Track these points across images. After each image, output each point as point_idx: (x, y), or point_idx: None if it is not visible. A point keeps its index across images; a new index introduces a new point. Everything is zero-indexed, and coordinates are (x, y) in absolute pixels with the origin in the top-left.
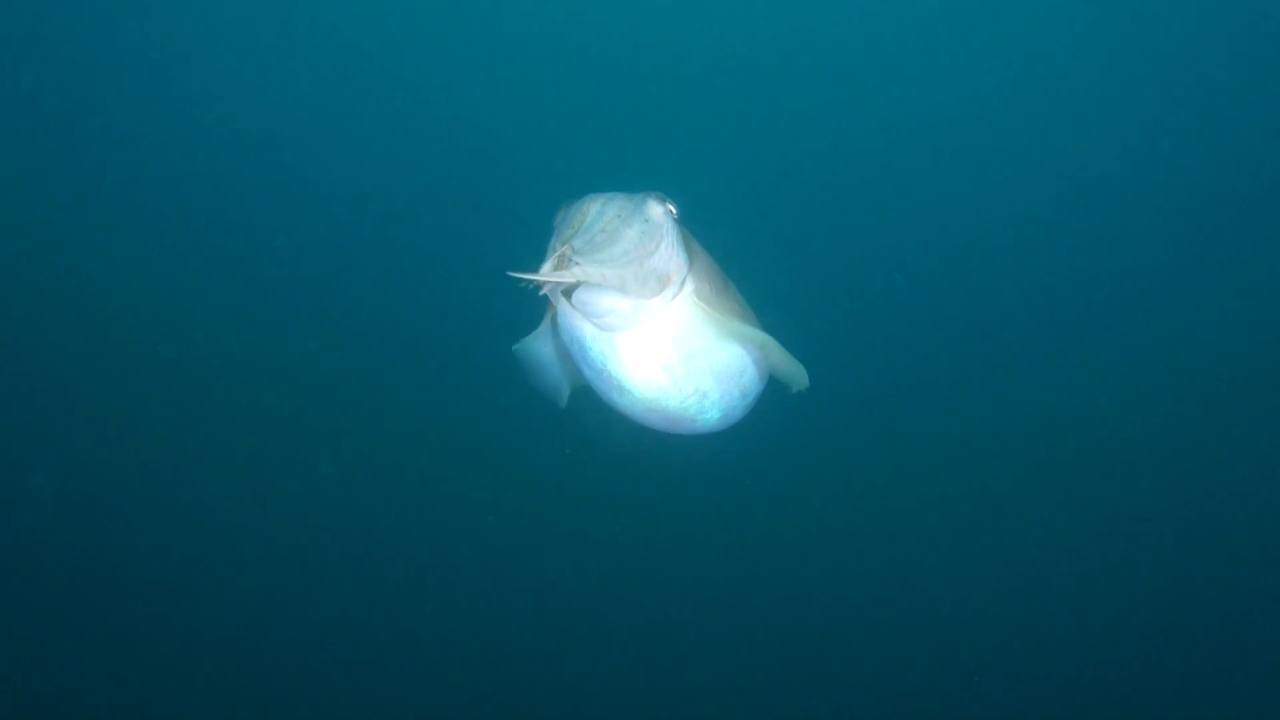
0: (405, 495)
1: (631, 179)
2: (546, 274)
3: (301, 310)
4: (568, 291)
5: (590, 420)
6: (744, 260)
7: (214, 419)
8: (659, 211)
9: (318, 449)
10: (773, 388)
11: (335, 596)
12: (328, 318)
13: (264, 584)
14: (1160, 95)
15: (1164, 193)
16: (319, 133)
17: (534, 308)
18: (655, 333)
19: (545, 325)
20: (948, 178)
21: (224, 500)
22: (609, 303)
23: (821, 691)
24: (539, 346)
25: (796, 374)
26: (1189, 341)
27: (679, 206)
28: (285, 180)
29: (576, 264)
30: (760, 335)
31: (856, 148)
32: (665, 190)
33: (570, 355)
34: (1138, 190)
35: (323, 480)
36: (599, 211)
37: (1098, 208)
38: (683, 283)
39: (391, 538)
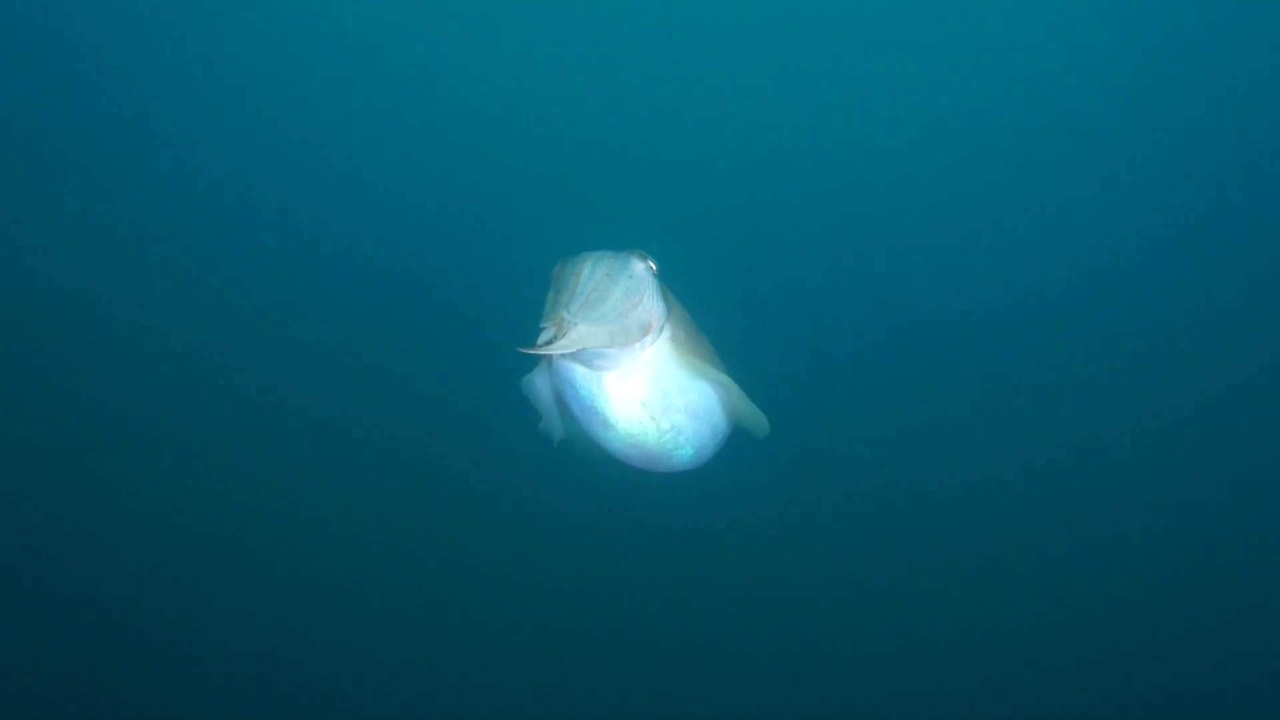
0: (386, 523)
1: (617, 237)
2: (553, 347)
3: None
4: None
5: (577, 459)
6: (712, 311)
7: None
8: (641, 267)
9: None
10: (739, 433)
11: (330, 623)
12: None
13: (261, 609)
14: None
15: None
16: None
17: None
18: (636, 373)
19: (543, 364)
20: (914, 227)
21: (219, 524)
22: (598, 350)
23: None
24: (539, 382)
25: (757, 419)
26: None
27: (658, 263)
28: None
29: (575, 324)
30: (725, 379)
31: (822, 200)
32: (645, 248)
33: (561, 394)
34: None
35: (316, 504)
36: (590, 271)
37: (1074, 258)
38: (661, 329)
39: (372, 564)
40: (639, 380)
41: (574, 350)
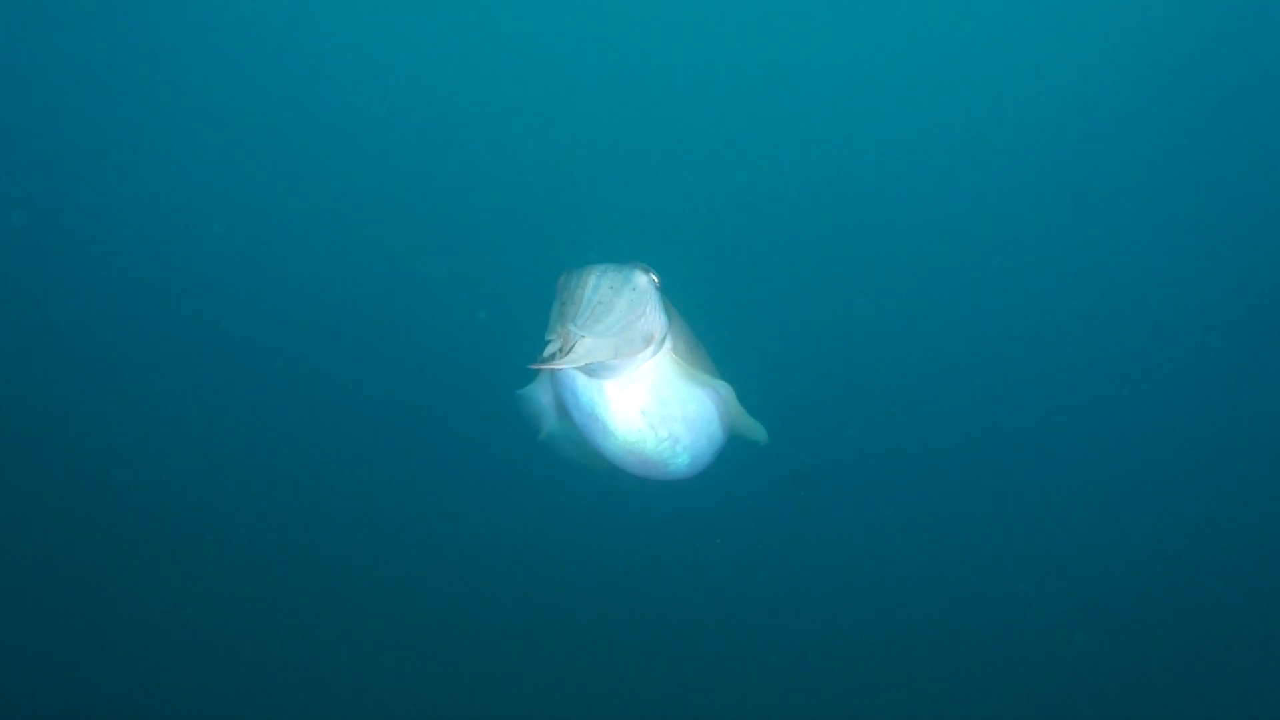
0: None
1: (616, 251)
2: (559, 362)
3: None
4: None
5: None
6: (711, 323)
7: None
8: (644, 280)
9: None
10: (738, 442)
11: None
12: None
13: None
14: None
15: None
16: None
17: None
18: (637, 382)
19: (543, 376)
20: (914, 239)
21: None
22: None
23: None
24: (538, 395)
25: (755, 428)
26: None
27: (659, 276)
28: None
29: (582, 337)
30: (724, 389)
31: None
32: (647, 262)
33: (563, 402)
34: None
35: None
36: (595, 284)
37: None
38: (663, 340)
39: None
40: (639, 389)
41: (580, 364)
